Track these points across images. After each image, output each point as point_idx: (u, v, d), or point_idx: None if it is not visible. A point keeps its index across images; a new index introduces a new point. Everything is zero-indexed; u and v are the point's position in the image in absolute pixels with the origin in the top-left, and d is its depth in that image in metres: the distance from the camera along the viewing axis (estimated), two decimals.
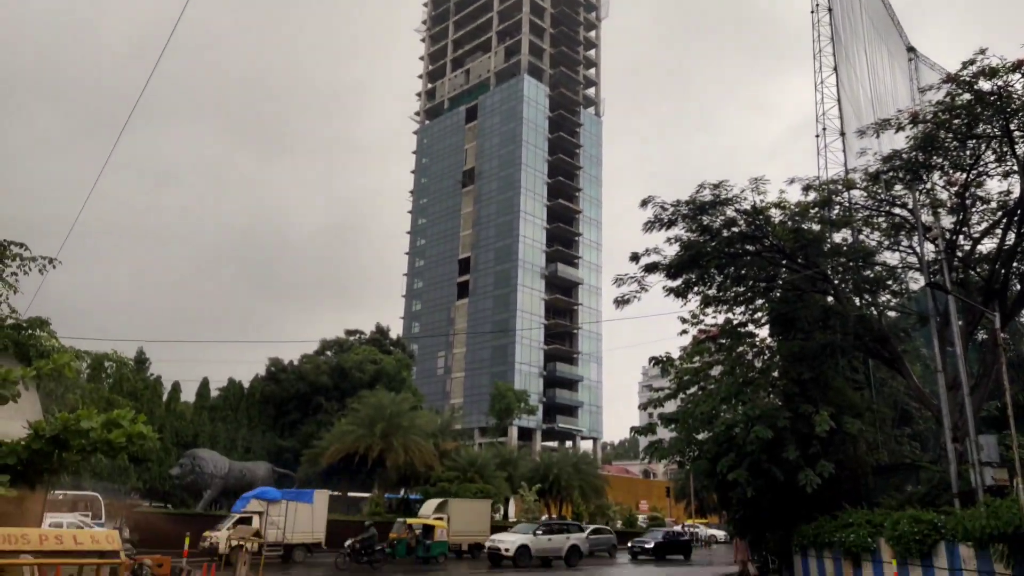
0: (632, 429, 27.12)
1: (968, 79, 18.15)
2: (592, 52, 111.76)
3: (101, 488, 40.41)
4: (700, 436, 24.69)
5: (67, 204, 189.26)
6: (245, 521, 25.16)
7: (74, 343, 14.58)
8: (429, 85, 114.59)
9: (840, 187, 22.92)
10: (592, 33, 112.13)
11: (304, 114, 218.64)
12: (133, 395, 42.26)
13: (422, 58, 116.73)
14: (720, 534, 50.95)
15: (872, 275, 24.02)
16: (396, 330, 76.91)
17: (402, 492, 42.89)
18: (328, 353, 57.03)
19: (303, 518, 28.81)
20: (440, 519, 33.23)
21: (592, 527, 40.12)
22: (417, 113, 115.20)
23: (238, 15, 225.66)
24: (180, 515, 33.82)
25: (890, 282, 24.36)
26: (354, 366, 51.60)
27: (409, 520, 31.75)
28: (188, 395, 51.13)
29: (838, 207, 23.13)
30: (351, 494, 41.64)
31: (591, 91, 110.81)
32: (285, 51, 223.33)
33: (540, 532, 32.20)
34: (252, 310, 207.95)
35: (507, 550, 30.46)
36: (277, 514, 27.07)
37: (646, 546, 40.07)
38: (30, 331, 13.05)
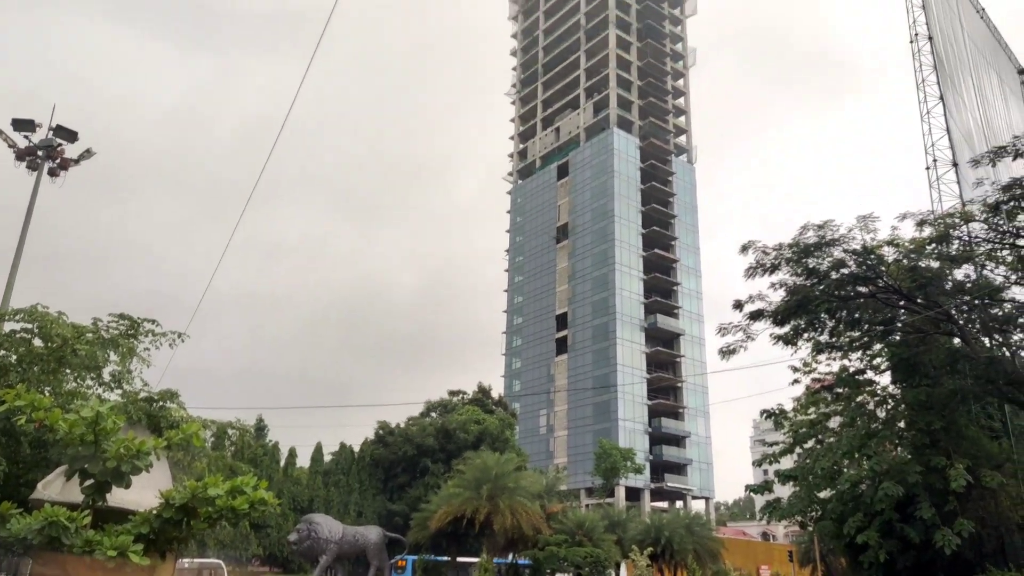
0: (747, 487, 25.85)
1: None
2: (681, 100, 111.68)
3: (224, 556, 42.01)
4: (822, 494, 23.26)
5: (185, 280, 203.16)
6: None
7: (199, 412, 15.48)
8: (521, 145, 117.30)
9: (958, 220, 21.60)
10: (680, 82, 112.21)
11: (401, 184, 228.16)
12: (253, 461, 44.13)
13: (513, 120, 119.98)
14: None
15: (1001, 313, 22.31)
16: (497, 389, 77.28)
17: (510, 557, 42.28)
18: (433, 414, 57.86)
19: None
20: None
21: None
22: (510, 173, 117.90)
23: (335, 95, 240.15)
24: None
25: (1022, 320, 22.52)
26: (458, 427, 52.01)
27: None
28: (303, 459, 53.00)
29: (957, 241, 21.77)
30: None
31: (682, 139, 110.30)
32: (380, 127, 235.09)
33: None
34: (360, 374, 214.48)
35: None
36: None
37: None
38: (161, 403, 13.92)
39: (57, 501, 9.82)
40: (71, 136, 23.74)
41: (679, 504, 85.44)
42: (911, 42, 32.94)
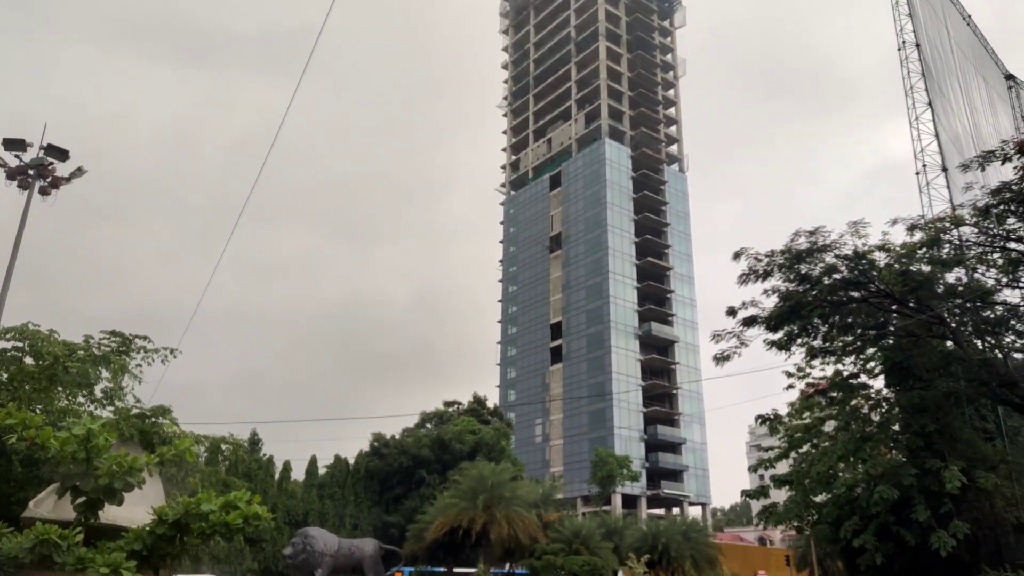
0: (743, 493, 25.86)
1: None
2: (672, 110, 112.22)
3: (218, 571, 41.73)
4: (818, 498, 23.29)
5: (178, 298, 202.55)
6: None
7: (193, 428, 15.41)
8: (513, 157, 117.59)
9: (948, 224, 21.75)
10: (671, 92, 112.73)
11: (393, 200, 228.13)
12: (247, 476, 43.89)
13: (505, 132, 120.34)
14: None
15: (993, 315, 22.44)
16: (493, 399, 77.19)
17: (507, 566, 42.06)
18: (428, 425, 57.71)
19: None
20: None
21: None
22: (503, 185, 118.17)
23: (327, 114, 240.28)
24: None
25: (1014, 322, 22.65)
26: (454, 437, 51.85)
27: None
28: (298, 473, 52.69)
29: (948, 245, 21.91)
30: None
31: (673, 148, 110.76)
32: (372, 144, 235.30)
33: None
34: (354, 387, 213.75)
35: None
36: None
37: None
38: (153, 419, 13.86)
39: (49, 519, 9.75)
40: (62, 155, 23.63)
41: (676, 511, 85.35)
42: (899, 49, 33.28)
